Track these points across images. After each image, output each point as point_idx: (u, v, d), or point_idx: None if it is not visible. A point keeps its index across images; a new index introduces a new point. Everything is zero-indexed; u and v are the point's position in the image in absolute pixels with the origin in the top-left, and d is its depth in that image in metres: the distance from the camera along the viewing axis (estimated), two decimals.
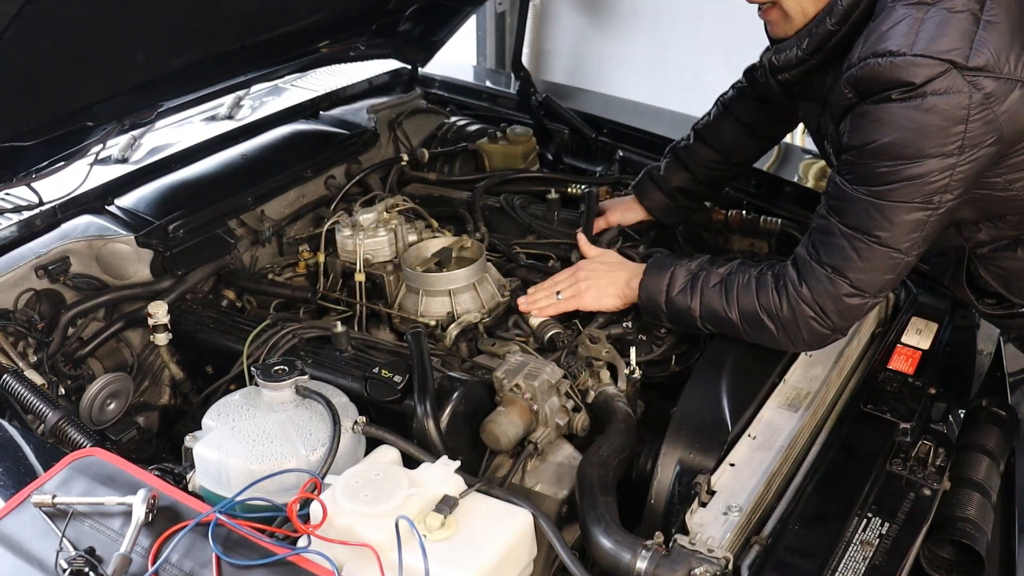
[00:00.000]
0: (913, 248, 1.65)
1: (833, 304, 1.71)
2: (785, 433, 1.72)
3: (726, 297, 1.81)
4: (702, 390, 1.80)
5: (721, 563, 1.39)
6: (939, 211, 1.61)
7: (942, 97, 1.52)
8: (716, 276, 1.85)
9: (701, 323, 1.87)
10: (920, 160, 1.55)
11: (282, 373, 1.61)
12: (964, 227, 1.83)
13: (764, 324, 1.78)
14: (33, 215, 2.19)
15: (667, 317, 1.92)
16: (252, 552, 1.32)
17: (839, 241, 1.67)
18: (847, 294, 1.70)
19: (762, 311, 1.77)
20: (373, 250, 2.26)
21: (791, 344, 1.80)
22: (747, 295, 1.79)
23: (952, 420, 1.85)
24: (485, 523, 1.40)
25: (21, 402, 1.80)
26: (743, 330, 1.82)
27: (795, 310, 1.74)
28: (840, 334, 1.79)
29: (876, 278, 1.68)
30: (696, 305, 1.85)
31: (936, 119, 1.53)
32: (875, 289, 1.70)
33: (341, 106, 2.98)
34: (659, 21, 4.69)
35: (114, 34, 1.81)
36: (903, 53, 1.53)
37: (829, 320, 1.73)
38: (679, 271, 1.89)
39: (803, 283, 1.73)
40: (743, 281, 1.81)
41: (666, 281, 1.89)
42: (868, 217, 1.63)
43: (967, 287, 1.93)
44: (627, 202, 2.42)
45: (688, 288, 1.86)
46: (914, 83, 1.52)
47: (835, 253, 1.68)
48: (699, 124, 2.32)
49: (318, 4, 2.30)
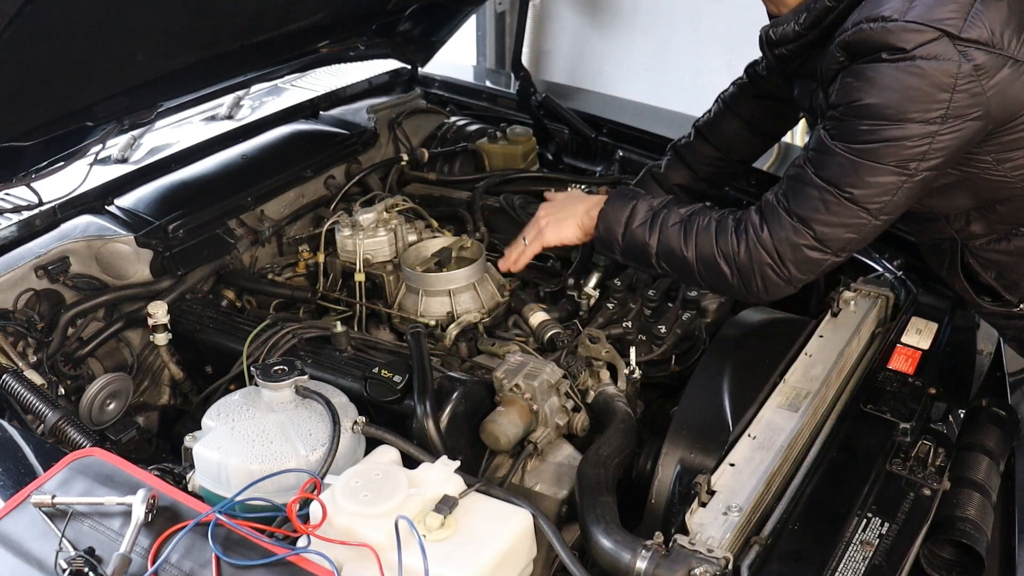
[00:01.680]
0: (882, 212, 1.65)
1: (792, 252, 1.70)
2: (785, 433, 1.72)
3: (684, 236, 1.80)
4: (703, 390, 1.80)
5: (721, 563, 1.39)
6: (914, 178, 1.60)
7: (931, 63, 1.52)
8: (677, 215, 1.83)
9: (656, 260, 1.84)
10: (901, 123, 1.55)
11: (282, 373, 1.61)
12: (954, 219, 1.83)
13: (720, 268, 1.76)
14: (33, 215, 2.19)
15: (621, 251, 1.89)
16: (252, 552, 1.32)
17: (810, 191, 1.67)
18: (808, 245, 1.69)
19: (719, 254, 1.76)
20: (373, 250, 2.26)
21: (744, 291, 1.78)
22: (706, 237, 1.78)
23: (952, 420, 1.85)
24: (485, 523, 1.40)
25: (21, 402, 1.80)
26: (698, 272, 1.80)
27: (752, 255, 1.73)
28: (793, 287, 1.77)
29: (839, 234, 1.67)
30: (654, 242, 1.83)
31: (923, 83, 1.52)
32: (837, 246, 1.69)
33: (341, 106, 2.98)
34: (659, 21, 4.69)
35: (114, 34, 1.81)
36: (896, 19, 1.54)
37: (785, 269, 1.72)
38: (641, 205, 1.87)
39: (765, 227, 1.72)
40: (703, 223, 1.79)
41: (627, 213, 1.87)
42: (843, 172, 1.63)
43: (964, 280, 1.92)
44: None
45: (648, 223, 1.84)
46: (904, 48, 1.53)
47: (804, 202, 1.68)
48: (700, 121, 2.32)
49: (318, 4, 2.31)
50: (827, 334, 1.98)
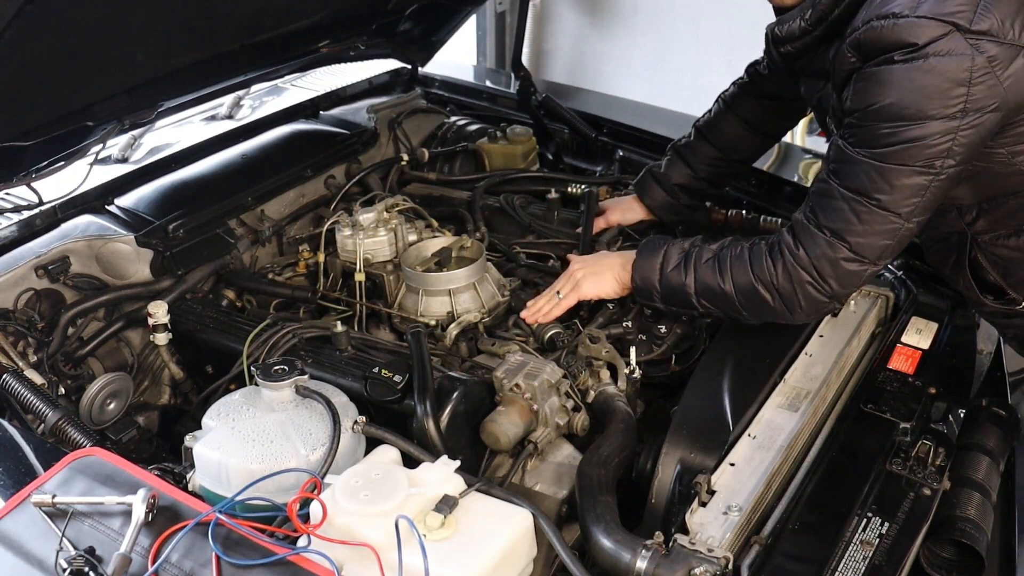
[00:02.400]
0: (913, 214, 1.63)
1: (831, 268, 1.69)
2: (785, 433, 1.72)
3: (719, 271, 1.80)
4: (703, 390, 1.80)
5: (721, 563, 1.39)
6: (940, 177, 1.59)
7: (944, 59, 1.51)
8: (709, 252, 1.84)
9: (696, 300, 1.85)
10: (922, 122, 1.54)
11: (282, 373, 1.61)
12: (965, 212, 1.82)
13: (760, 294, 1.76)
14: (33, 215, 2.19)
15: (661, 297, 1.90)
16: (252, 552, 1.32)
17: (839, 204, 1.66)
18: (845, 258, 1.68)
19: (757, 281, 1.76)
20: (373, 250, 2.26)
21: (789, 314, 1.77)
22: (740, 266, 1.78)
23: (952, 420, 1.85)
24: (485, 523, 1.40)
25: (21, 402, 1.80)
26: (739, 303, 1.80)
27: (792, 276, 1.72)
28: (838, 302, 1.76)
29: (875, 243, 1.66)
30: (691, 281, 1.83)
31: (938, 80, 1.52)
32: (874, 255, 1.68)
33: (341, 106, 2.98)
34: (659, 21, 4.69)
35: (114, 34, 1.81)
36: (906, 15, 1.53)
37: (827, 285, 1.71)
38: (672, 249, 1.88)
39: (800, 247, 1.71)
40: (735, 253, 1.80)
41: (660, 260, 1.88)
42: (869, 180, 1.61)
43: (970, 275, 1.92)
44: (627, 202, 2.42)
45: (682, 265, 1.85)
46: (916, 44, 1.52)
47: (835, 216, 1.67)
48: (700, 121, 2.32)
49: (318, 4, 2.31)
50: (827, 334, 1.99)
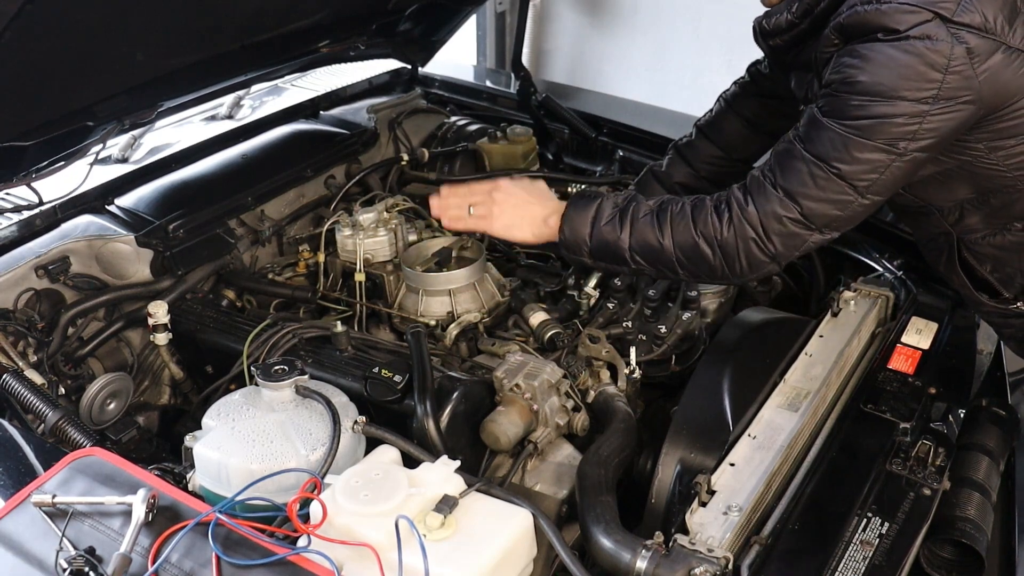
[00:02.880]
0: (869, 190, 1.64)
1: (778, 225, 1.68)
2: (785, 433, 1.72)
3: (659, 225, 1.76)
4: (703, 390, 1.80)
5: (721, 563, 1.39)
6: (903, 158, 1.60)
7: (924, 43, 1.53)
8: (647, 207, 1.79)
9: (630, 255, 1.79)
10: (892, 100, 1.56)
11: (282, 373, 1.61)
12: (949, 212, 1.83)
13: (701, 250, 1.73)
14: (33, 215, 2.19)
15: (590, 252, 1.83)
16: (252, 552, 1.32)
17: (798, 164, 1.66)
18: (793, 219, 1.67)
19: (699, 236, 1.73)
20: (373, 250, 2.26)
21: (727, 272, 1.75)
22: (682, 221, 1.75)
23: (952, 420, 1.85)
24: (485, 523, 1.40)
25: (21, 402, 1.80)
26: (677, 259, 1.77)
27: (736, 230, 1.70)
28: (777, 264, 1.75)
29: (825, 210, 1.66)
30: (626, 236, 1.78)
31: (915, 62, 1.53)
32: (821, 222, 1.68)
33: (341, 106, 2.98)
34: (659, 21, 4.69)
35: (114, 34, 1.81)
36: (889, 1, 1.55)
37: (770, 244, 1.70)
38: (606, 203, 1.82)
39: (750, 201, 1.70)
40: (676, 208, 1.77)
41: (592, 213, 1.82)
42: (832, 147, 1.62)
43: (962, 273, 1.93)
44: None
45: (616, 219, 1.80)
46: (898, 29, 1.54)
47: (792, 177, 1.67)
48: (701, 120, 2.32)
49: (318, 4, 2.30)
50: (827, 334, 1.99)
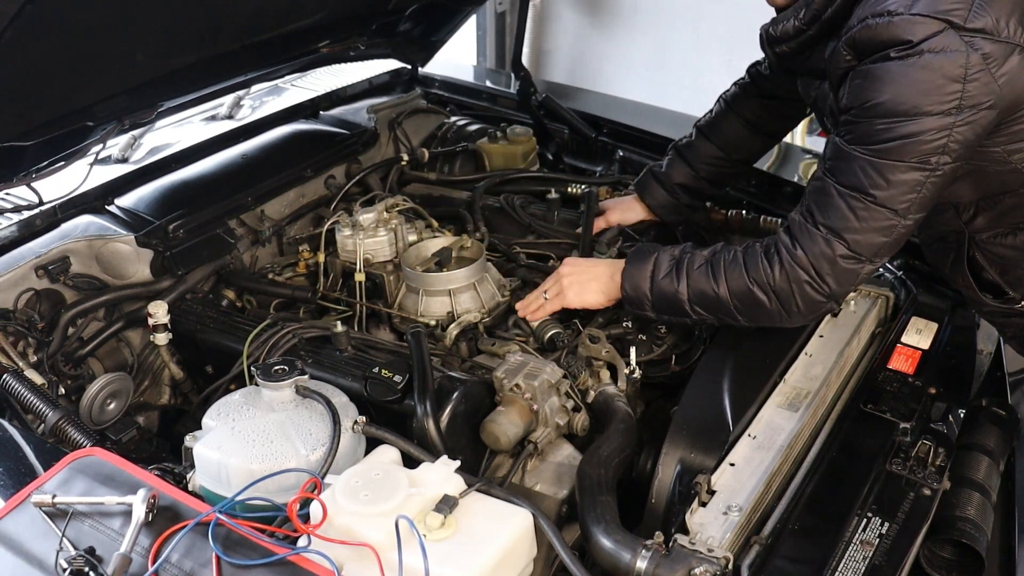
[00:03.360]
0: (910, 211, 1.64)
1: (829, 266, 1.69)
2: (785, 433, 1.72)
3: (714, 276, 1.79)
4: (703, 390, 1.80)
5: (721, 563, 1.39)
6: (936, 173, 1.60)
7: (939, 56, 1.52)
8: (701, 258, 1.83)
9: (690, 307, 1.83)
10: (917, 118, 1.55)
11: (282, 373, 1.61)
12: (963, 210, 1.83)
13: (756, 297, 1.75)
14: (33, 215, 2.19)
15: (652, 306, 1.88)
16: (252, 552, 1.32)
17: (836, 201, 1.66)
18: (843, 256, 1.68)
19: (753, 283, 1.75)
20: (373, 250, 2.26)
21: (786, 316, 1.76)
22: (735, 269, 1.77)
23: (952, 420, 1.85)
24: (485, 523, 1.40)
25: (21, 402, 1.80)
26: (735, 307, 1.79)
27: (789, 275, 1.71)
28: (835, 302, 1.76)
29: (872, 240, 1.66)
30: (683, 288, 1.82)
31: (933, 76, 1.52)
32: (871, 252, 1.68)
33: (341, 106, 2.98)
34: (659, 21, 4.69)
35: (114, 34, 1.81)
36: (900, 13, 1.54)
37: (825, 285, 1.70)
38: (663, 257, 1.87)
39: (797, 246, 1.70)
40: (729, 258, 1.79)
41: (650, 268, 1.86)
42: (865, 176, 1.62)
43: (968, 274, 1.92)
44: (627, 202, 2.42)
45: (673, 272, 1.83)
46: (911, 41, 1.53)
47: (832, 214, 1.67)
48: (701, 121, 2.33)
49: (318, 4, 2.31)
50: (827, 334, 1.99)
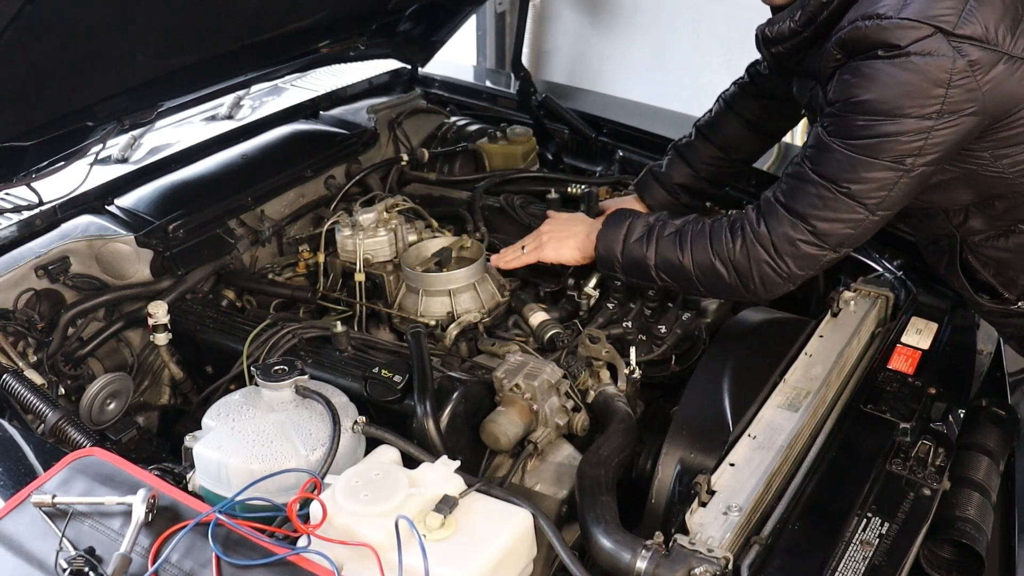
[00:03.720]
0: (879, 207, 1.67)
1: (790, 247, 1.73)
2: (785, 433, 1.72)
3: (680, 245, 1.84)
4: (703, 390, 1.80)
5: (721, 563, 1.39)
6: (910, 174, 1.62)
7: (926, 59, 1.53)
8: (672, 226, 1.89)
9: (655, 272, 1.89)
10: (897, 119, 1.57)
11: (282, 373, 1.61)
12: (954, 215, 1.84)
13: (716, 269, 1.80)
14: (33, 215, 2.19)
15: (622, 268, 1.94)
16: (252, 552, 1.32)
17: (808, 187, 1.69)
18: (805, 240, 1.71)
19: (715, 256, 1.80)
20: (373, 250, 2.26)
21: (743, 291, 1.81)
22: (700, 241, 1.82)
23: (952, 420, 1.85)
24: (485, 523, 1.40)
25: (21, 402, 1.80)
26: (696, 278, 1.84)
27: (749, 252, 1.76)
28: (791, 284, 1.80)
29: (837, 230, 1.70)
30: (651, 254, 1.88)
31: (918, 79, 1.54)
32: (834, 242, 1.72)
33: (341, 106, 2.97)
34: (659, 21, 4.69)
35: (114, 34, 1.81)
36: (890, 16, 1.55)
37: (784, 263, 1.74)
38: (637, 222, 1.93)
39: (762, 223, 1.75)
40: (697, 228, 1.85)
41: (624, 231, 1.93)
42: (840, 168, 1.65)
43: (963, 276, 1.93)
44: (627, 201, 2.41)
45: (644, 238, 1.89)
46: (899, 45, 1.54)
47: (802, 198, 1.70)
48: (701, 121, 2.33)
49: (318, 4, 2.31)
50: (827, 334, 1.98)
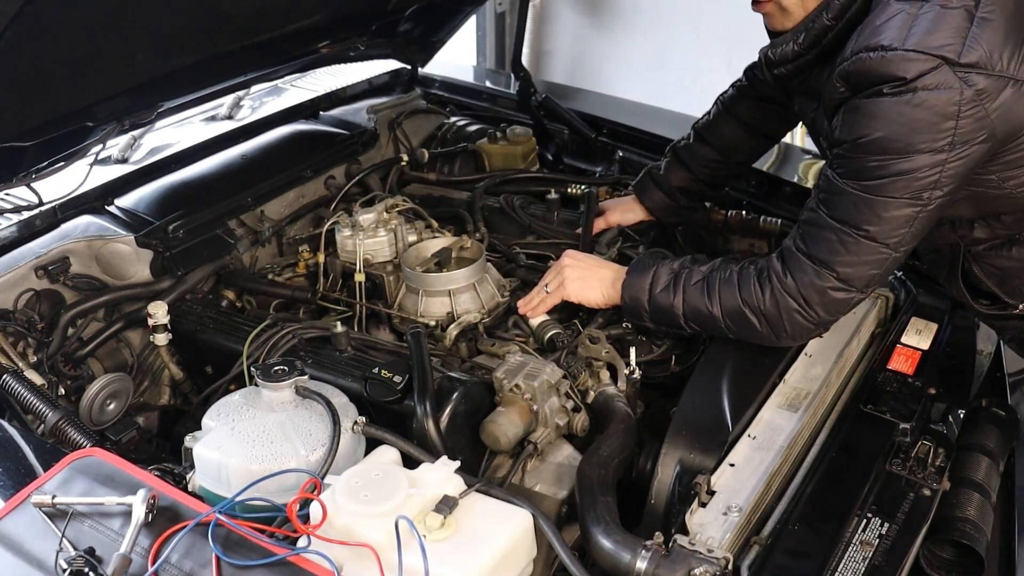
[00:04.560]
0: (901, 244, 1.65)
1: (818, 296, 1.70)
2: (785, 433, 1.72)
3: (708, 294, 1.80)
4: (702, 390, 1.80)
5: (721, 563, 1.39)
6: (928, 207, 1.61)
7: (933, 93, 1.51)
8: (698, 273, 1.84)
9: (684, 321, 1.85)
10: (910, 156, 1.55)
11: (282, 373, 1.61)
12: (959, 225, 1.83)
13: (747, 319, 1.77)
14: (33, 215, 2.19)
15: (650, 317, 1.90)
16: (252, 552, 1.32)
17: (827, 234, 1.67)
18: (832, 287, 1.69)
19: (744, 305, 1.76)
20: (373, 250, 2.26)
21: (775, 338, 1.79)
22: (729, 290, 1.78)
23: (952, 420, 1.85)
24: (485, 523, 1.40)
25: (21, 402, 1.80)
26: (726, 326, 1.81)
27: (779, 302, 1.73)
28: (823, 328, 1.78)
29: (863, 272, 1.67)
30: (679, 303, 1.84)
31: (927, 114, 1.52)
32: (861, 284, 1.69)
33: (341, 106, 2.98)
34: (659, 21, 4.69)
35: (114, 34, 1.81)
36: (895, 48, 1.53)
37: (813, 312, 1.72)
38: (662, 270, 1.88)
39: (788, 274, 1.72)
40: (724, 276, 1.80)
41: (649, 280, 1.88)
42: (857, 211, 1.62)
43: (963, 285, 1.92)
44: (627, 202, 2.42)
45: (671, 286, 1.85)
46: (905, 78, 1.52)
47: (823, 246, 1.68)
48: (699, 123, 2.32)
49: (318, 4, 2.30)
50: (827, 334, 1.98)
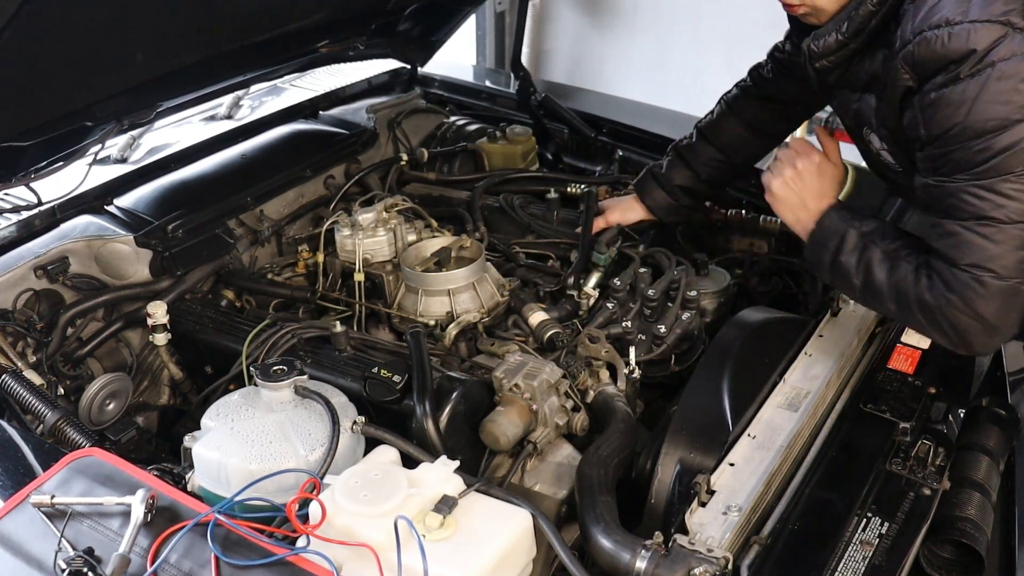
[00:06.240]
0: None
1: (989, 305, 1.60)
2: (785, 433, 1.72)
3: (889, 285, 1.71)
4: (703, 390, 1.80)
5: (721, 563, 1.39)
6: None
7: (1009, 62, 1.48)
8: (879, 254, 1.74)
9: (860, 295, 1.78)
10: (1008, 128, 1.50)
11: (281, 373, 1.61)
12: None
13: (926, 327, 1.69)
14: (32, 215, 2.19)
15: (829, 276, 1.83)
16: (251, 552, 1.32)
17: (966, 236, 1.58)
18: (998, 288, 1.59)
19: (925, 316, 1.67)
20: (372, 250, 2.26)
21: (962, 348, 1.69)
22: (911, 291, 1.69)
23: (952, 420, 1.85)
24: (485, 523, 1.40)
25: (20, 402, 1.80)
26: (902, 319, 1.76)
27: (957, 326, 1.64)
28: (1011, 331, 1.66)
29: (1018, 257, 1.57)
30: (859, 279, 1.75)
31: (1009, 84, 1.49)
32: (1020, 271, 1.58)
33: (340, 106, 2.98)
34: (659, 21, 4.70)
35: (114, 34, 1.81)
36: (959, 21, 1.50)
37: (991, 324, 1.62)
38: (850, 236, 1.78)
39: (953, 293, 1.62)
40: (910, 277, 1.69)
41: (835, 243, 1.79)
42: (981, 200, 1.55)
43: None
44: (627, 201, 2.42)
45: (857, 253, 1.76)
46: (975, 50, 1.49)
47: (969, 250, 1.59)
48: (702, 122, 2.32)
49: (318, 4, 2.31)
50: (827, 334, 1.98)
